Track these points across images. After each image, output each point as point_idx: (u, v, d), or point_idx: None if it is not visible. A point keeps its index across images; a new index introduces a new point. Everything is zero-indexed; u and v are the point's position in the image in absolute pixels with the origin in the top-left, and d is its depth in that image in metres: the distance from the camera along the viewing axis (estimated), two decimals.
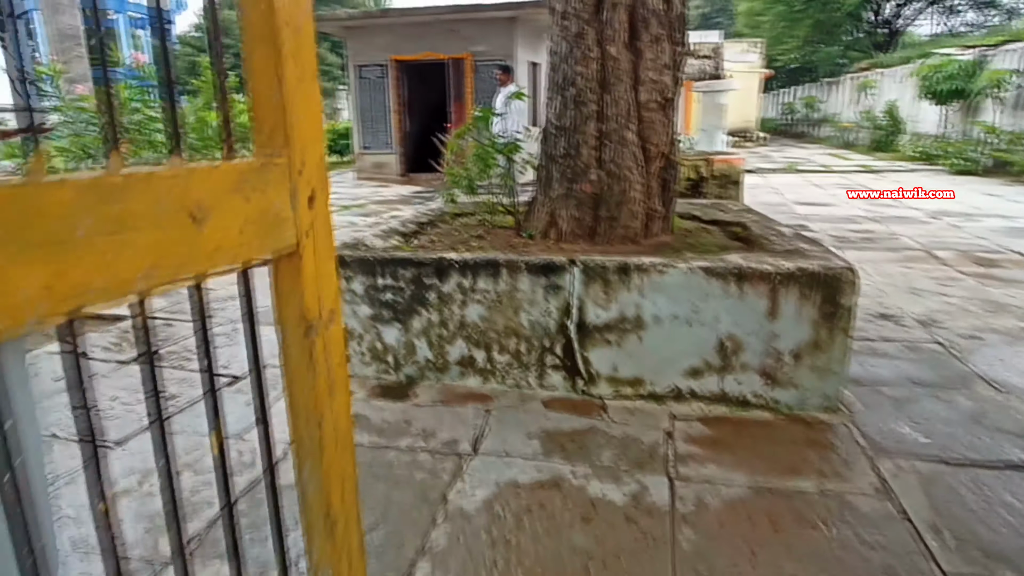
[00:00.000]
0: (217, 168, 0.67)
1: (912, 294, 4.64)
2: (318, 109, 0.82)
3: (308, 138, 0.81)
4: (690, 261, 2.82)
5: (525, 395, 3.01)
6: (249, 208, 0.72)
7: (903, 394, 3.01)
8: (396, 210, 9.77)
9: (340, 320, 0.89)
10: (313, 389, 0.86)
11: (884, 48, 29.48)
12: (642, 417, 2.79)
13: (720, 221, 4.10)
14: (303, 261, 0.81)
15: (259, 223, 0.74)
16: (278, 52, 0.75)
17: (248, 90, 0.78)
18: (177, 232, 0.63)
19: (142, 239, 0.59)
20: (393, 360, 3.18)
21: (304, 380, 0.85)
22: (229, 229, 0.69)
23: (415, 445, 2.57)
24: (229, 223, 0.69)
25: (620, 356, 2.91)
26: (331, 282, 0.87)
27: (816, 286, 2.71)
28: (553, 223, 3.66)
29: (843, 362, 2.77)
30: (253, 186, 0.73)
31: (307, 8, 0.79)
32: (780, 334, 2.77)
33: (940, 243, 6.47)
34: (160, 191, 0.61)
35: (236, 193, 0.70)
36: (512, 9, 11.90)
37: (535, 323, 2.98)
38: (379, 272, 3.09)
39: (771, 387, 2.82)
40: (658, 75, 3.38)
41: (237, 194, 0.70)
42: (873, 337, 3.76)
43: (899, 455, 2.49)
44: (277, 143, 0.78)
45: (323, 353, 0.86)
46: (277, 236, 0.77)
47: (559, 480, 2.32)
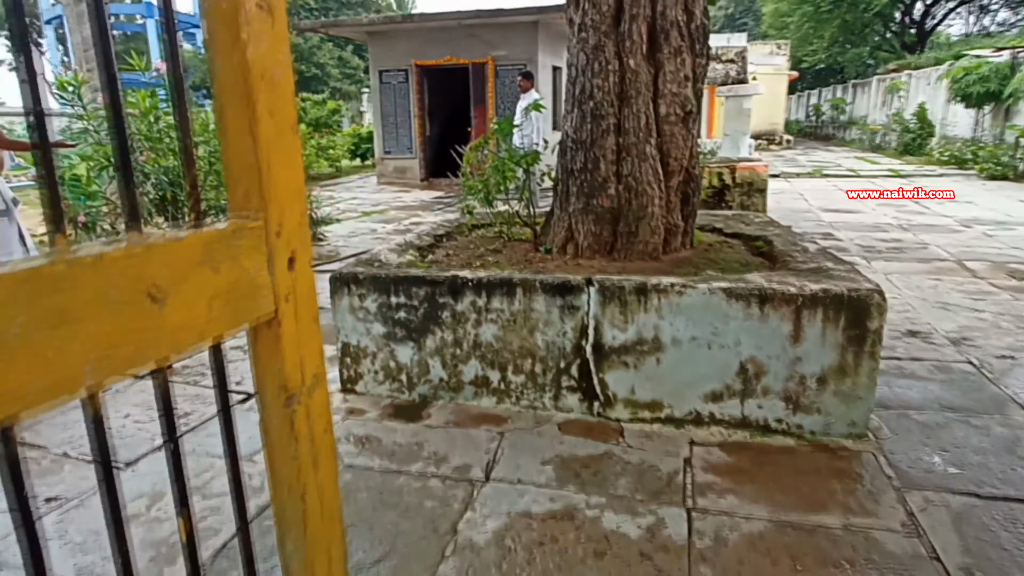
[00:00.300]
0: (181, 240, 0.62)
1: (942, 309, 4.48)
2: (298, 165, 0.77)
3: (287, 197, 0.75)
4: (710, 282, 2.73)
5: (540, 417, 2.94)
6: (219, 280, 0.66)
7: (933, 419, 2.88)
8: (416, 216, 9.77)
9: (325, 384, 0.84)
10: (295, 460, 0.80)
11: (913, 49, 28.89)
12: (660, 442, 2.71)
13: (743, 235, 4.00)
14: (283, 328, 0.76)
15: (231, 294, 0.68)
16: (252, 109, 0.70)
17: (221, 149, 0.73)
18: (133, 316, 0.58)
19: (90, 329, 0.54)
20: (406, 379, 3.14)
21: (286, 451, 0.80)
22: (195, 305, 0.64)
23: (426, 470, 2.52)
24: (195, 298, 0.64)
25: (638, 379, 2.83)
26: (315, 346, 0.81)
27: (842, 309, 2.60)
28: (571, 238, 3.59)
29: (870, 388, 2.66)
30: (224, 255, 0.67)
31: (284, 59, 0.73)
32: (804, 358, 2.67)
33: (972, 253, 6.27)
34: (112, 274, 0.56)
35: (203, 265, 0.65)
36: (534, 13, 11.85)
37: (550, 344, 2.91)
38: (392, 290, 3.05)
39: (794, 412, 2.72)
40: (679, 88, 3.30)
41: (205, 266, 0.65)
42: (901, 356, 3.63)
43: (929, 487, 2.37)
44: (253, 205, 0.72)
45: (306, 422, 0.81)
46: (252, 305, 0.71)
47: (573, 511, 2.25)
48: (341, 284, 3.13)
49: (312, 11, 38.26)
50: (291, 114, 0.75)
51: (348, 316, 3.15)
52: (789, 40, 27.94)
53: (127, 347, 0.57)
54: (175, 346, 0.62)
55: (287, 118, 0.75)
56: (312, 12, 38.16)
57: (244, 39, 0.69)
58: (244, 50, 0.69)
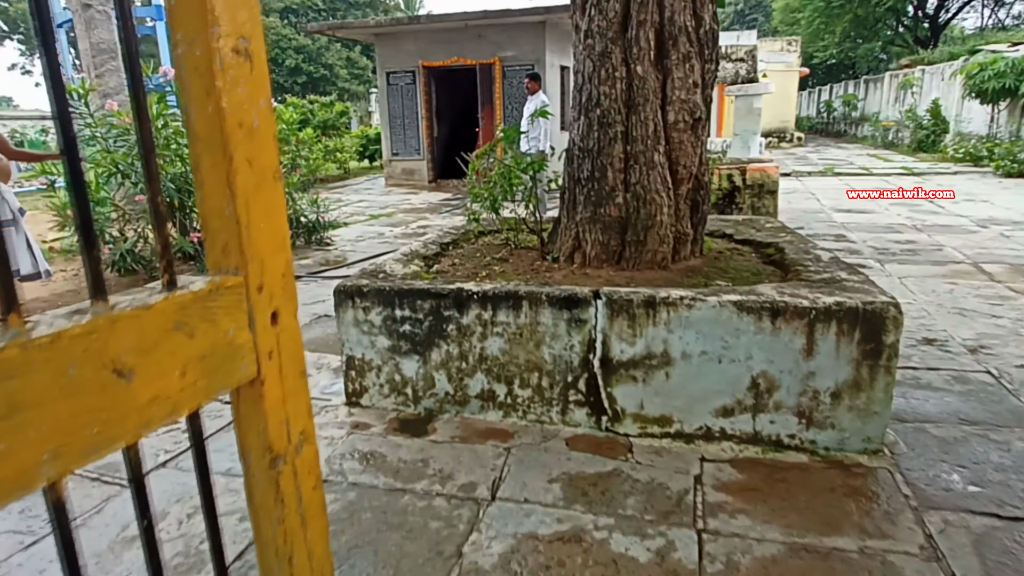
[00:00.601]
0: (151, 308, 0.58)
1: (959, 315, 4.40)
2: (280, 215, 0.73)
3: (269, 250, 0.71)
4: (720, 295, 2.68)
5: (547, 432, 2.89)
6: (194, 345, 0.62)
7: (951, 434, 2.81)
8: (424, 219, 9.74)
9: (313, 441, 0.80)
10: (282, 523, 0.76)
11: (926, 43, 28.56)
12: (670, 459, 2.66)
13: (753, 241, 3.93)
14: (266, 387, 0.72)
15: (209, 359, 0.64)
16: (229, 160, 0.65)
17: (198, 201, 0.69)
18: (96, 395, 0.54)
19: (48, 415, 0.50)
20: (412, 392, 3.10)
21: (272, 514, 0.76)
22: (168, 376, 0.60)
23: (431, 489, 2.48)
24: (168, 369, 0.60)
25: (647, 393, 2.78)
26: (302, 403, 0.77)
27: (856, 322, 2.54)
28: (578, 246, 3.54)
29: (886, 402, 2.60)
30: (201, 317, 0.63)
31: (264, 105, 0.69)
32: (817, 372, 2.60)
33: (989, 255, 6.16)
34: (72, 353, 0.52)
35: (177, 331, 0.61)
36: (541, 13, 11.79)
37: (557, 357, 2.86)
38: (397, 303, 3.01)
39: (807, 428, 2.66)
40: (687, 94, 3.24)
41: (178, 332, 0.61)
42: (917, 365, 3.55)
43: (948, 507, 2.31)
44: (232, 261, 0.68)
45: (293, 483, 0.77)
46: (233, 368, 0.67)
47: (580, 532, 2.20)
48: (345, 297, 3.10)
49: (320, 12, 38.34)
50: (272, 162, 0.71)
51: (353, 329, 3.11)
52: (800, 36, 27.68)
53: (90, 430, 0.53)
54: (145, 424, 0.58)
55: (268, 167, 0.71)
56: (320, 13, 38.24)
57: (219, 87, 0.65)
58: (219, 98, 0.65)
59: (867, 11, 28.14)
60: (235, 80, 0.66)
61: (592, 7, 3.29)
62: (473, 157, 4.10)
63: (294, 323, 0.76)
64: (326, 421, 3.08)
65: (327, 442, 2.87)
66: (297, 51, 35.07)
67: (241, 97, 0.67)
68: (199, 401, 0.64)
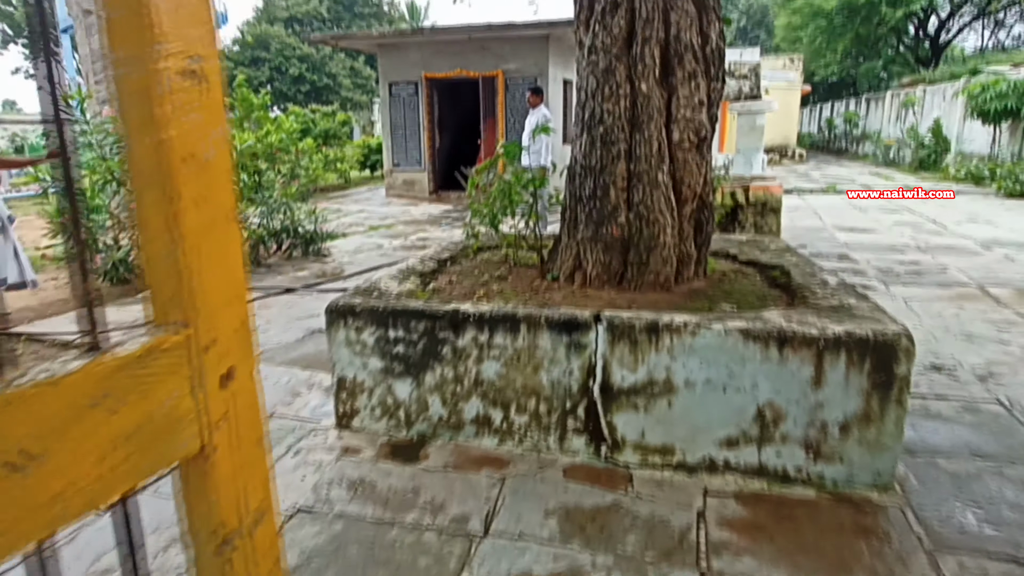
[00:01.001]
0: (58, 384, 0.48)
1: (967, 340, 4.29)
2: (236, 260, 0.63)
3: (222, 301, 0.61)
4: (726, 321, 2.58)
5: (544, 460, 2.78)
6: (119, 421, 0.52)
7: (964, 468, 2.70)
8: (424, 231, 9.65)
9: (271, 517, 0.69)
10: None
11: (927, 63, 28.64)
12: (671, 492, 2.54)
13: (758, 263, 3.84)
14: (213, 460, 0.62)
15: (138, 436, 0.54)
16: (171, 200, 0.56)
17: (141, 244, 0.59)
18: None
19: None
20: (404, 416, 2.99)
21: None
22: (82, 463, 0.49)
23: (422, 521, 2.36)
24: (82, 454, 0.50)
25: (648, 422, 2.67)
26: (259, 475, 0.67)
27: (867, 352, 2.44)
28: (579, 266, 3.44)
29: (896, 436, 2.49)
30: (129, 387, 0.53)
31: (219, 135, 0.60)
32: (826, 403, 2.50)
33: (994, 278, 6.06)
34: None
35: (96, 408, 0.50)
36: (545, 27, 11.77)
37: (556, 382, 2.76)
38: (391, 323, 2.91)
39: (815, 461, 2.55)
40: (692, 113, 3.15)
41: (97, 408, 0.51)
42: (926, 394, 3.44)
43: (963, 550, 2.20)
44: (174, 315, 0.58)
45: (246, 566, 0.66)
46: (171, 442, 0.57)
47: (578, 573, 2.09)
48: (337, 316, 3.00)
49: (325, 22, 38.50)
50: (227, 200, 0.61)
51: (344, 349, 3.01)
52: (801, 53, 27.74)
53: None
54: (50, 523, 0.47)
55: (222, 205, 0.61)
56: (325, 23, 38.40)
57: (163, 114, 0.55)
58: (162, 128, 0.55)
59: (869, 30, 28.21)
60: (184, 106, 0.57)
61: (596, 23, 3.21)
62: (473, 172, 4.01)
63: (251, 383, 0.66)
64: (315, 444, 2.97)
65: (315, 468, 2.76)
66: (301, 60, 35.15)
67: (191, 126, 0.57)
68: (125, 487, 0.53)
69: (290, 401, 3.46)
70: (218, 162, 0.60)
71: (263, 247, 7.41)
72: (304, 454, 2.88)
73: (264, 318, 5.07)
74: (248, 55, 35.50)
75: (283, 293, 5.89)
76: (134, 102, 0.56)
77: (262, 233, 7.35)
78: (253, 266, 6.91)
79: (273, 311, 5.28)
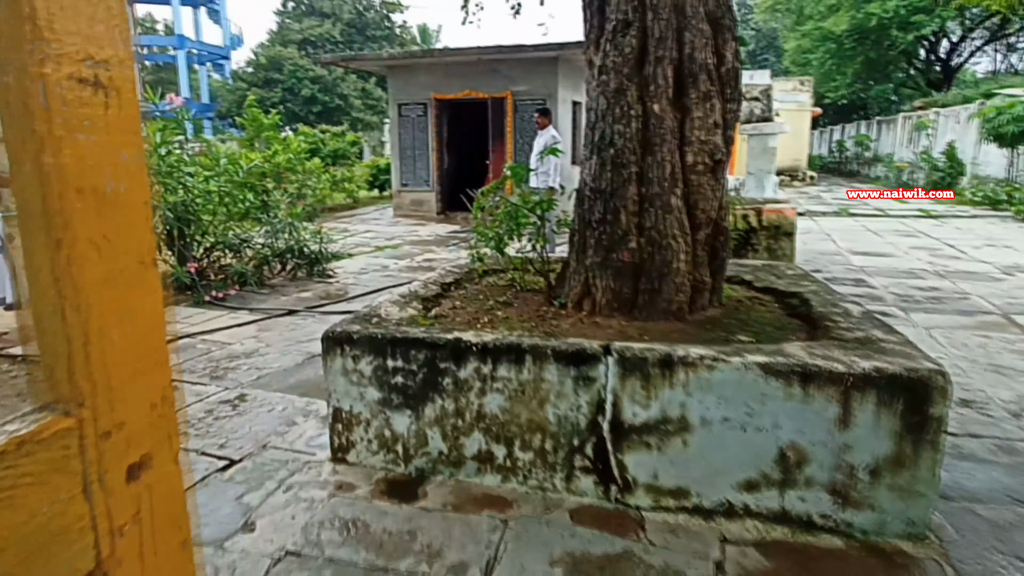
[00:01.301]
0: None
1: (996, 373, 4.10)
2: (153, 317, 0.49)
3: (130, 370, 0.47)
4: (745, 355, 2.42)
5: (550, 501, 2.62)
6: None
7: (1004, 517, 2.51)
8: (431, 252, 9.55)
9: None
10: None
11: (939, 86, 28.54)
12: (687, 538, 2.37)
13: (775, 290, 3.68)
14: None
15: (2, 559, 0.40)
16: (59, 243, 0.42)
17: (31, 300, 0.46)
18: None
19: None
20: (402, 450, 2.84)
21: None
22: None
23: (417, 569, 2.20)
24: None
25: (661, 462, 2.51)
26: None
27: (898, 391, 2.27)
28: (587, 293, 3.30)
29: (931, 482, 2.31)
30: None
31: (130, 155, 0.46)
32: (854, 445, 2.33)
33: (1019, 306, 5.86)
34: None
35: None
36: (554, 49, 11.76)
37: (563, 418, 2.60)
38: (389, 352, 2.77)
39: (843, 508, 2.37)
40: (707, 135, 3.03)
41: None
42: (957, 432, 3.25)
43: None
44: (64, 395, 0.44)
45: None
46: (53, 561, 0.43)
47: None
48: (334, 344, 2.87)
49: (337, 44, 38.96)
50: (141, 241, 0.48)
51: (341, 379, 2.87)
52: (812, 76, 27.70)
53: None
54: None
55: (134, 248, 0.47)
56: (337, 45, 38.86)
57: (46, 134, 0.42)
58: (47, 151, 0.42)
59: (879, 54, 28.18)
60: (75, 123, 0.43)
61: (607, 42, 3.11)
62: (478, 195, 3.89)
63: (172, 471, 0.52)
64: (308, 480, 2.82)
65: (306, 506, 2.60)
66: (313, 81, 35.55)
67: (87, 148, 0.44)
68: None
69: (284, 431, 3.31)
70: (129, 196, 0.47)
71: (267, 267, 7.32)
72: (296, 490, 2.72)
73: (264, 341, 4.95)
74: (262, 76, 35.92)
75: (285, 315, 5.77)
76: (15, 117, 0.43)
77: (266, 253, 7.27)
78: (256, 287, 6.81)
79: (273, 334, 5.15)
